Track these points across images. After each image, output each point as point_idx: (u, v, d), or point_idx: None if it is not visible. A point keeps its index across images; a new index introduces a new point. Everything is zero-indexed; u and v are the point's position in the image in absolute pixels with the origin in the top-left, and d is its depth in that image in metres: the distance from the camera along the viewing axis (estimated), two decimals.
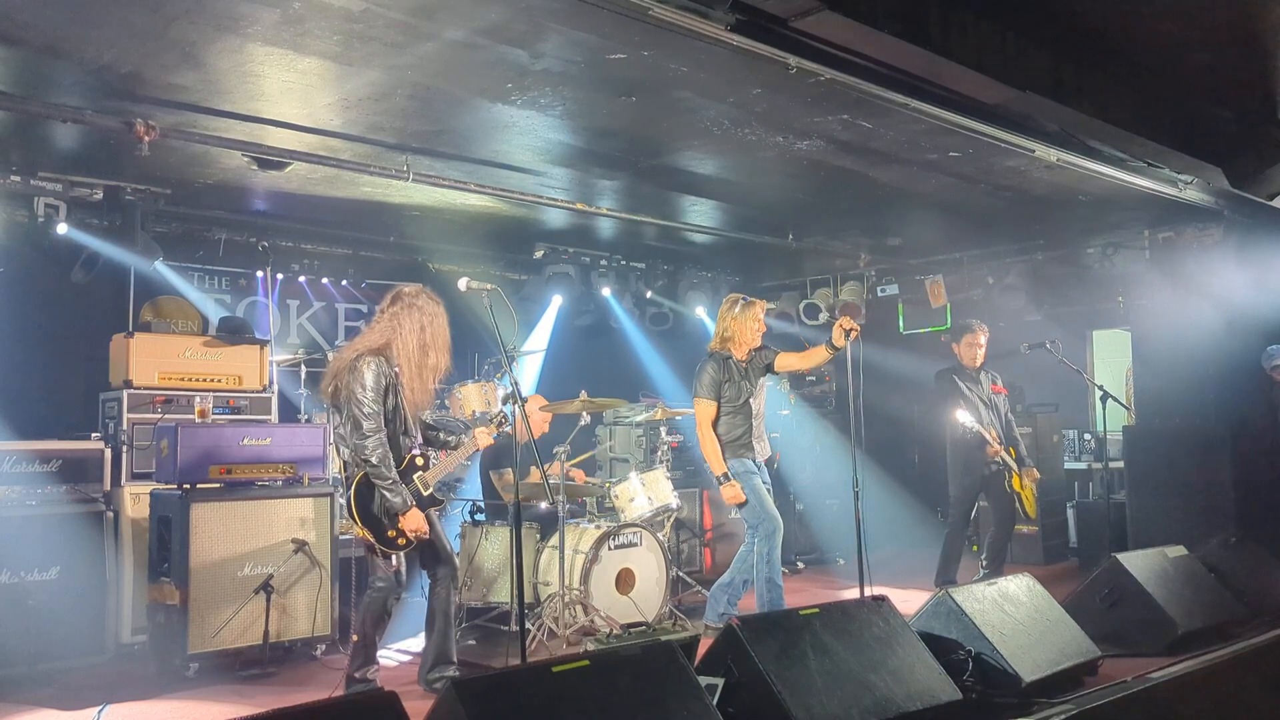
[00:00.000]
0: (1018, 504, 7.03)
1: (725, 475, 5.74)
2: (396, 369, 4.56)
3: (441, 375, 4.73)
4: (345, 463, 4.63)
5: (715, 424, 5.90)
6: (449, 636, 4.80)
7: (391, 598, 4.67)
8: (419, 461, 4.68)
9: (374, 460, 4.44)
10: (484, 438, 4.84)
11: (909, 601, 4.80)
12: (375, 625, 4.66)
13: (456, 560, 4.92)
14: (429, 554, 4.75)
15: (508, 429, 4.86)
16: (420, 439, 4.79)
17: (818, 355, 5.78)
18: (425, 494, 4.66)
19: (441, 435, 4.99)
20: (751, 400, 5.95)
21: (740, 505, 5.78)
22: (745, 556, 5.93)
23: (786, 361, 5.99)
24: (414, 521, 4.52)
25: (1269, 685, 5.22)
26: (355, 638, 4.71)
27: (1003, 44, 4.76)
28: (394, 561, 4.65)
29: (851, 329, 5.51)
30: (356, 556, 6.07)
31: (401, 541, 4.58)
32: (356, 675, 4.62)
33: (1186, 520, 7.06)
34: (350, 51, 4.55)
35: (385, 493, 4.48)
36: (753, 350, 6.01)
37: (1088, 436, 9.40)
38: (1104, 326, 9.65)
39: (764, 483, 5.89)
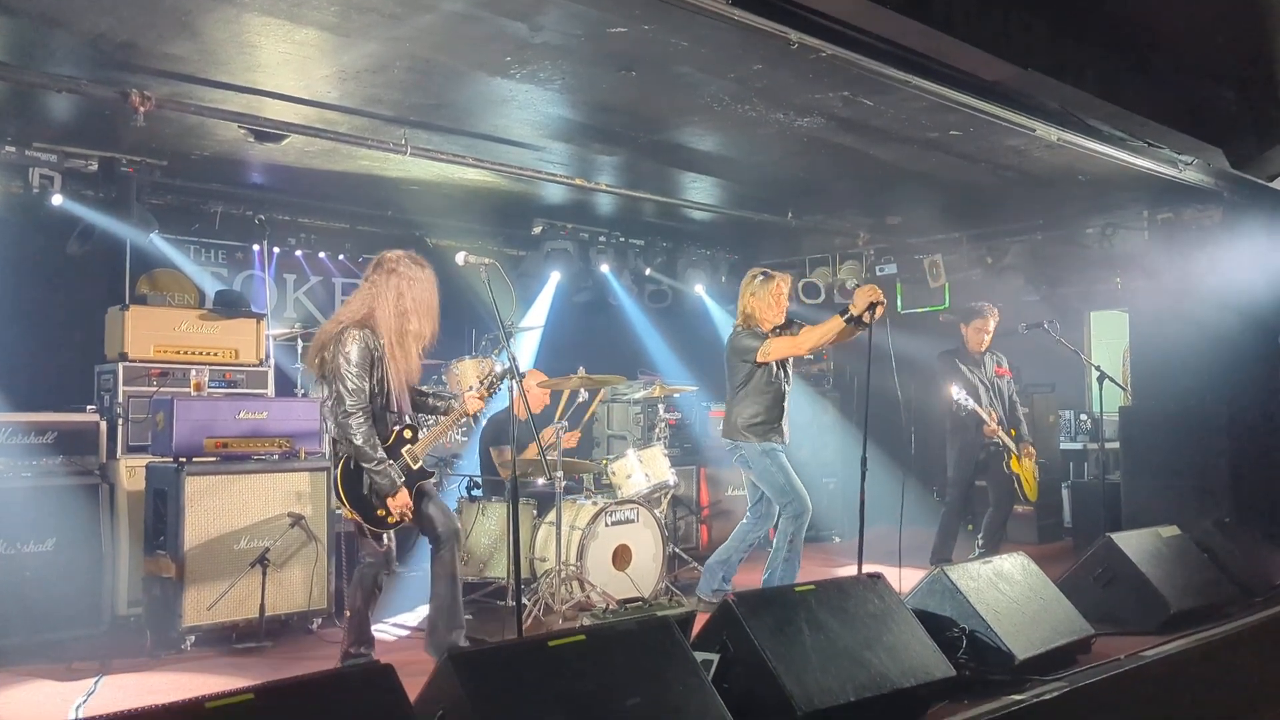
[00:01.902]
0: (1017, 486, 7.05)
1: (847, 315, 5.34)
2: (382, 340, 4.44)
3: (426, 343, 4.60)
4: (333, 439, 4.55)
5: (748, 399, 5.71)
6: (457, 599, 4.67)
7: (381, 573, 4.64)
8: (407, 435, 4.58)
9: (358, 441, 4.35)
10: (474, 402, 4.71)
11: (904, 579, 4.81)
12: (367, 601, 4.64)
13: (458, 522, 4.81)
14: (427, 522, 4.66)
15: (500, 385, 4.80)
16: (410, 411, 4.68)
17: (833, 326, 5.44)
18: (414, 468, 4.57)
19: (431, 400, 4.85)
20: (785, 384, 5.81)
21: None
22: (745, 535, 5.92)
23: (809, 337, 5.66)
24: (401, 501, 4.45)
25: (1260, 664, 5.26)
26: (348, 613, 4.70)
27: (1004, 20, 4.72)
28: (384, 541, 4.60)
29: (878, 301, 5.27)
30: (352, 531, 6.07)
31: (391, 520, 4.51)
32: (352, 650, 4.62)
33: (1181, 501, 7.08)
34: (348, 22, 4.51)
35: (373, 475, 4.41)
36: (778, 328, 5.83)
37: (1084, 417, 9.43)
38: (1102, 307, 9.66)
39: None
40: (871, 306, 5.28)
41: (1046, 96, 5.32)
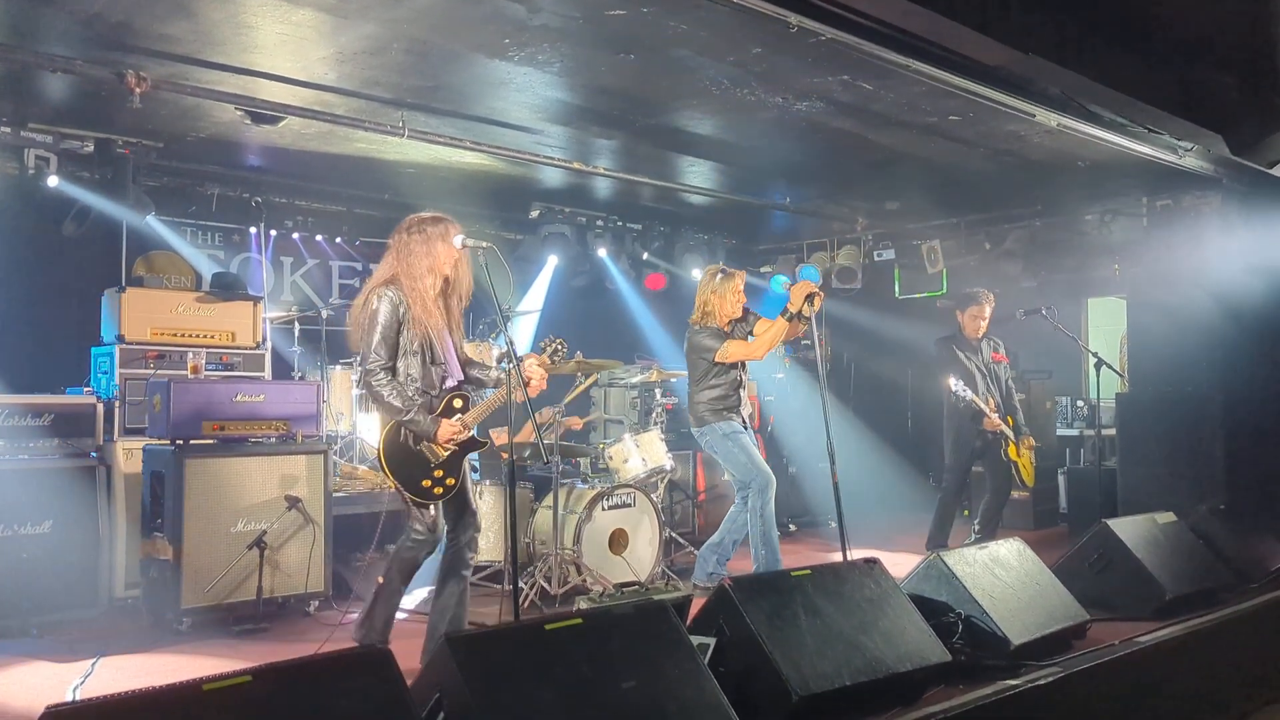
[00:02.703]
0: (1015, 472, 7.05)
1: (787, 314, 5.66)
2: (409, 299, 4.32)
3: (459, 297, 4.46)
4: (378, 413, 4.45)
5: (707, 388, 5.94)
6: (464, 604, 4.48)
7: (424, 552, 4.44)
8: (456, 404, 4.43)
9: (386, 395, 4.24)
10: (533, 370, 4.49)
11: (900, 565, 4.82)
12: (404, 578, 4.47)
13: (479, 526, 4.62)
14: (455, 509, 4.49)
15: (560, 357, 4.69)
16: (459, 374, 4.51)
17: (780, 328, 5.76)
18: (463, 437, 4.40)
19: (493, 374, 4.68)
20: (740, 371, 6.02)
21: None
22: (735, 517, 5.98)
23: (761, 343, 5.94)
24: (446, 435, 4.31)
25: (1255, 649, 5.28)
26: (380, 580, 4.48)
27: (1006, 4, 4.70)
28: (431, 512, 4.39)
29: (814, 293, 5.51)
30: (350, 514, 6.08)
31: (438, 491, 4.34)
32: (377, 628, 4.44)
33: (1176, 487, 7.10)
34: (345, 3, 4.48)
35: (408, 427, 4.28)
36: (734, 321, 6.04)
37: (1081, 403, 9.44)
38: (1100, 294, 9.67)
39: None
40: (809, 299, 5.53)
41: (1047, 81, 5.30)
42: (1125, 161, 6.83)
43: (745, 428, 6.00)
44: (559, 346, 4.74)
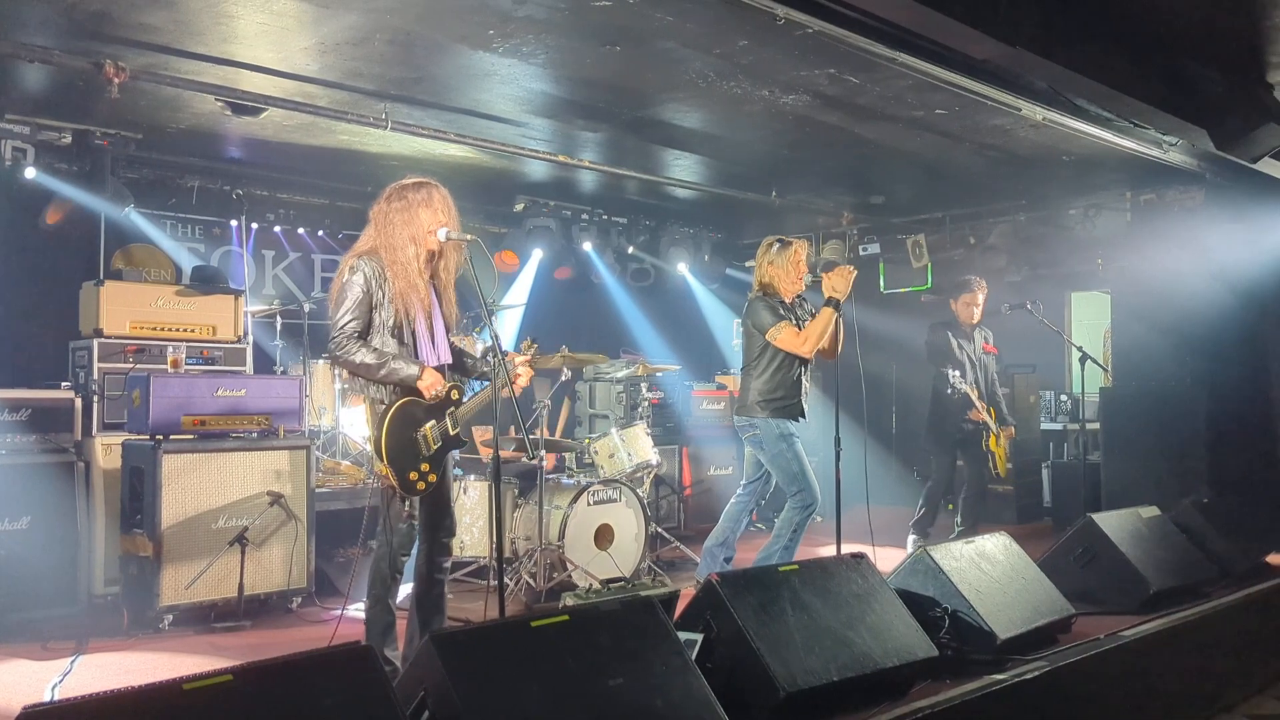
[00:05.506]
0: (990, 464, 7.07)
1: (833, 301, 5.29)
2: (388, 270, 4.11)
3: (427, 264, 4.22)
4: (370, 399, 4.19)
5: (765, 373, 5.50)
6: (442, 609, 4.33)
7: (402, 555, 4.23)
8: (454, 395, 4.23)
9: (357, 358, 4.00)
10: (520, 368, 4.30)
11: (885, 559, 4.82)
12: (386, 589, 4.23)
13: (456, 529, 4.49)
14: (435, 509, 4.30)
15: (533, 357, 4.54)
16: (448, 356, 4.29)
17: (828, 318, 5.36)
18: (453, 433, 4.24)
19: (479, 365, 4.49)
20: (802, 370, 5.58)
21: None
22: (737, 515, 5.81)
23: (811, 337, 5.46)
24: (432, 378, 4.08)
25: (1238, 643, 5.30)
26: (367, 604, 4.26)
27: None
28: (407, 508, 4.18)
29: (849, 272, 5.23)
30: (333, 510, 6.03)
31: (421, 486, 4.14)
32: (387, 653, 4.15)
33: (1160, 481, 7.13)
34: None
35: (386, 379, 4.03)
36: (797, 298, 5.66)
37: (1064, 397, 9.48)
38: (1083, 288, 9.70)
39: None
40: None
41: (1034, 75, 5.30)
42: (1110, 156, 6.85)
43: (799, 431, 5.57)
44: (536, 348, 4.59)
